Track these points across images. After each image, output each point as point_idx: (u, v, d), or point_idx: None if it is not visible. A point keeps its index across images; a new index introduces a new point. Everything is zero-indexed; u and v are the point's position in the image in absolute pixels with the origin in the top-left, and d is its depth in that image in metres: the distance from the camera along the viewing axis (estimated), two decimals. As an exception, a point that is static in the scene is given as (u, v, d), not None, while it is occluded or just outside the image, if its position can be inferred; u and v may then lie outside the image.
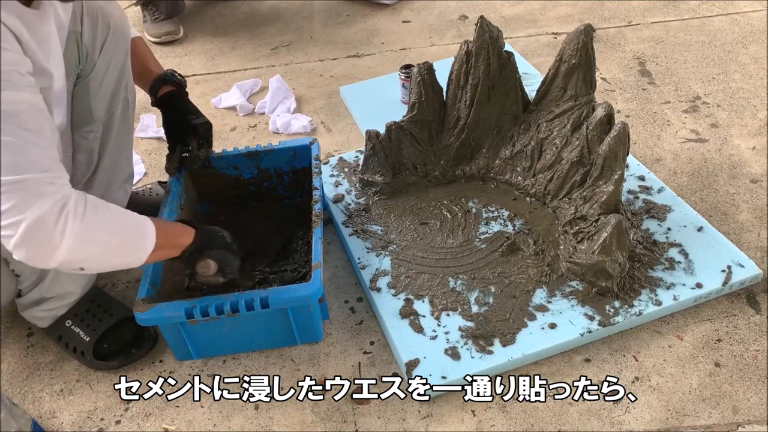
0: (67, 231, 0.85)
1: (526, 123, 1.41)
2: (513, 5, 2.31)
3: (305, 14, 2.38)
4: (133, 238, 0.96)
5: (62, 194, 0.85)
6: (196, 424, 1.10)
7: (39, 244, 0.84)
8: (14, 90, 0.84)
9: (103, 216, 0.91)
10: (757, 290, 1.24)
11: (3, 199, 0.82)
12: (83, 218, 0.86)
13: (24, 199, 0.82)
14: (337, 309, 1.27)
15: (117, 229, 0.94)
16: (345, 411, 1.10)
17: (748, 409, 1.05)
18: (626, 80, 1.85)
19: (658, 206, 1.37)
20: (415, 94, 1.40)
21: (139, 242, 0.96)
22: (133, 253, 0.97)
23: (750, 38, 1.99)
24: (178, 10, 2.29)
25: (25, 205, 0.82)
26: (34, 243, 0.84)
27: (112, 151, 1.29)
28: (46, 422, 1.13)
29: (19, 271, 1.11)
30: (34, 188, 0.83)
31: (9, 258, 1.08)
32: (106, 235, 0.91)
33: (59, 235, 0.84)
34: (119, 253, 0.95)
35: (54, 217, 0.84)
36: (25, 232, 0.83)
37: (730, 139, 1.60)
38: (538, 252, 1.29)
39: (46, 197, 0.83)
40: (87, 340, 1.18)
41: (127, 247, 0.96)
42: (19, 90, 0.85)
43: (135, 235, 0.96)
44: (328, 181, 1.51)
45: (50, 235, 0.84)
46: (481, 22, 1.34)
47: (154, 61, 1.31)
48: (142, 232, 0.97)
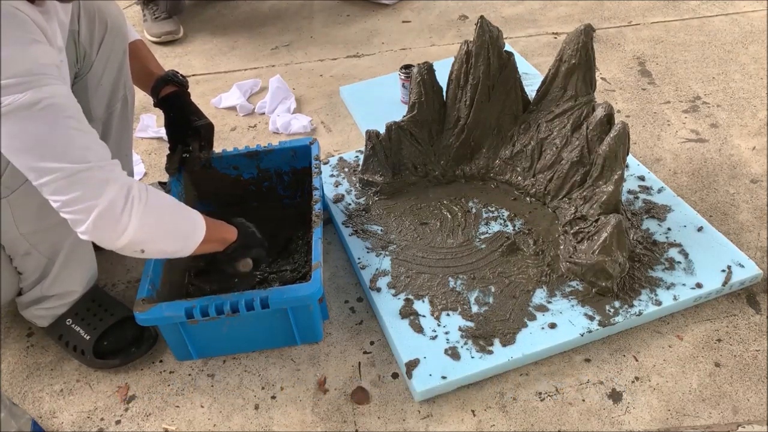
0: (134, 214, 0.90)
1: (526, 123, 1.41)
2: (513, 5, 2.31)
3: (305, 14, 2.38)
4: (187, 225, 1.01)
5: (125, 180, 0.91)
6: (196, 424, 1.10)
7: (109, 227, 0.90)
8: (59, 84, 0.87)
9: (163, 202, 0.98)
10: (757, 290, 1.24)
11: (71, 189, 0.86)
12: (147, 203, 0.92)
13: (93, 187, 0.88)
14: (337, 309, 1.27)
15: (174, 216, 1.00)
16: (345, 411, 1.10)
17: (748, 409, 1.05)
18: (626, 80, 1.85)
19: (658, 206, 1.37)
20: (415, 94, 1.40)
21: (192, 230, 1.01)
22: (186, 240, 1.01)
23: (750, 38, 1.99)
24: (178, 10, 2.29)
25: (95, 192, 0.87)
26: (105, 226, 0.89)
27: (111, 149, 1.29)
28: (46, 422, 1.13)
29: (23, 268, 1.11)
30: (100, 175, 0.88)
31: (13, 255, 1.08)
32: (165, 220, 0.97)
33: (127, 217, 0.90)
34: (175, 238, 1.00)
35: (122, 202, 0.89)
36: (97, 218, 0.88)
37: (730, 139, 1.60)
38: (538, 252, 1.29)
39: (112, 183, 0.89)
40: (87, 339, 1.18)
41: (181, 234, 1.01)
42: (60, 83, 0.88)
43: (189, 223, 1.02)
44: (328, 181, 1.51)
45: (119, 219, 0.89)
46: (481, 22, 1.34)
47: (156, 63, 1.31)
48: (194, 222, 1.02)
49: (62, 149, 0.86)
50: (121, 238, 0.91)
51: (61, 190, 0.87)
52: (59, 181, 0.86)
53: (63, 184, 0.86)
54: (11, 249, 1.07)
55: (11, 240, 1.05)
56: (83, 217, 0.88)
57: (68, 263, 1.13)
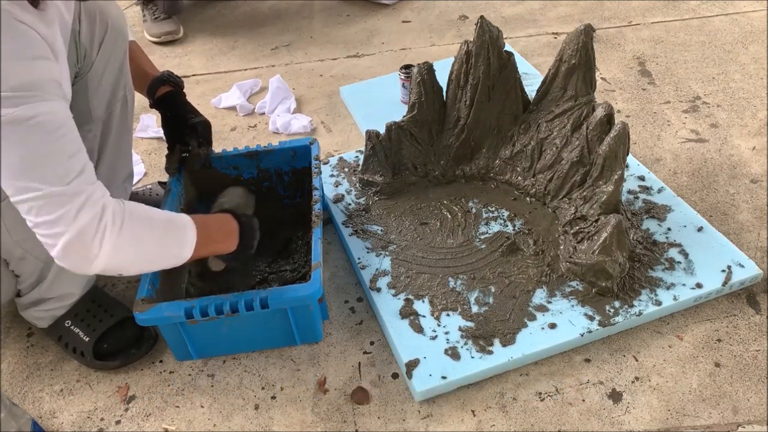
0: (105, 243, 0.87)
1: (526, 123, 1.41)
2: (513, 5, 2.31)
3: (305, 14, 2.38)
4: (171, 246, 0.98)
5: (101, 205, 0.88)
6: (196, 424, 1.10)
7: (79, 255, 0.87)
8: (56, 100, 0.86)
9: (141, 227, 0.93)
10: (757, 290, 1.24)
11: (45, 211, 0.84)
12: (120, 230, 0.89)
13: (67, 212, 0.85)
14: (337, 309, 1.27)
15: (155, 238, 0.96)
16: (345, 411, 1.10)
17: (748, 409, 1.05)
18: (626, 80, 1.85)
19: (658, 206, 1.37)
20: (415, 94, 1.40)
21: (176, 251, 0.99)
22: (171, 260, 0.99)
23: (750, 38, 1.99)
24: (176, 10, 2.29)
25: (67, 218, 0.85)
26: (74, 254, 0.87)
27: (111, 150, 1.29)
28: (46, 422, 1.13)
29: (19, 271, 1.11)
30: (76, 201, 0.85)
31: (9, 258, 1.08)
32: (144, 244, 0.94)
33: (97, 247, 0.87)
34: (157, 260, 0.98)
35: (92, 230, 0.86)
36: (66, 245, 0.86)
37: (730, 139, 1.60)
38: (538, 252, 1.29)
39: (86, 209, 0.86)
40: (86, 341, 1.18)
41: (164, 255, 0.98)
42: (58, 100, 0.86)
43: (174, 243, 0.98)
44: (328, 181, 1.51)
45: (89, 248, 0.87)
46: (481, 22, 1.34)
47: (150, 64, 1.31)
48: (180, 241, 0.99)
49: (43, 170, 0.84)
50: (93, 266, 0.89)
51: (35, 211, 0.85)
52: (35, 201, 0.84)
53: (38, 204, 0.84)
54: (6, 254, 1.07)
55: (5, 246, 1.05)
56: (52, 242, 0.86)
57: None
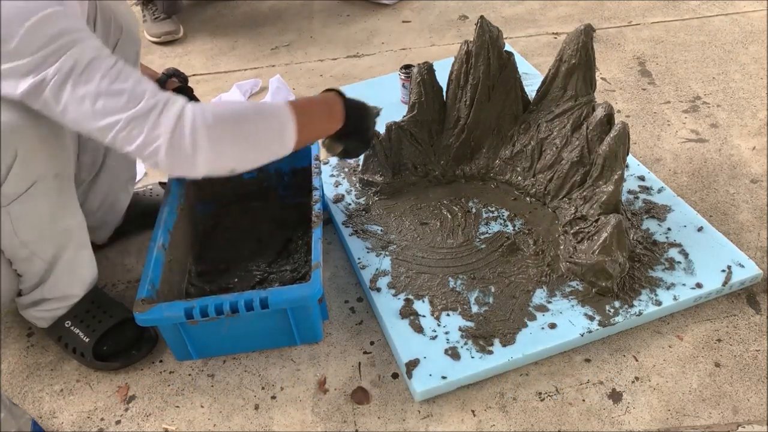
0: (198, 136, 0.88)
1: (526, 123, 1.41)
2: (513, 5, 2.31)
3: (305, 14, 2.38)
4: (269, 126, 0.98)
5: (179, 106, 0.89)
6: (196, 424, 1.10)
7: (181, 158, 0.89)
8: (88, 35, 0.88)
9: (229, 113, 0.93)
10: (757, 290, 1.24)
11: (135, 133, 0.87)
12: (209, 120, 0.90)
13: (152, 125, 0.87)
14: (337, 309, 1.27)
15: (249, 122, 0.95)
16: (345, 411, 1.10)
17: (748, 409, 1.05)
18: (626, 80, 1.85)
19: (658, 206, 1.37)
20: (415, 94, 1.40)
21: (277, 129, 0.98)
22: (276, 143, 0.99)
23: (750, 38, 1.99)
24: (176, 9, 2.30)
25: (154, 131, 0.87)
26: (177, 159, 0.89)
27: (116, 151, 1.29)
28: (46, 422, 1.13)
29: (22, 271, 1.11)
30: (154, 111, 0.87)
31: (14, 259, 1.08)
32: (239, 130, 0.94)
33: (191, 143, 0.88)
34: (261, 144, 0.98)
35: (181, 129, 0.88)
36: (166, 153, 0.88)
37: (730, 139, 1.60)
38: (538, 252, 1.29)
39: (165, 114, 0.88)
40: (86, 341, 1.18)
41: (267, 136, 0.98)
42: (88, 33, 0.89)
43: (270, 121, 0.98)
44: (328, 181, 1.51)
45: (186, 147, 0.88)
46: (481, 22, 1.34)
47: (151, 70, 1.33)
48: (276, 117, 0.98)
49: (114, 103, 0.86)
50: (198, 164, 0.90)
51: (127, 140, 0.88)
52: (121, 132, 0.87)
53: (125, 133, 0.87)
54: (11, 254, 1.07)
55: (11, 247, 1.05)
56: (156, 158, 0.89)
57: (69, 268, 1.13)
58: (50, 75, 0.84)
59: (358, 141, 1.20)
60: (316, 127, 1.09)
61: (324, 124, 1.10)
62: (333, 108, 1.12)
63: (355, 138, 1.18)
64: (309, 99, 1.14)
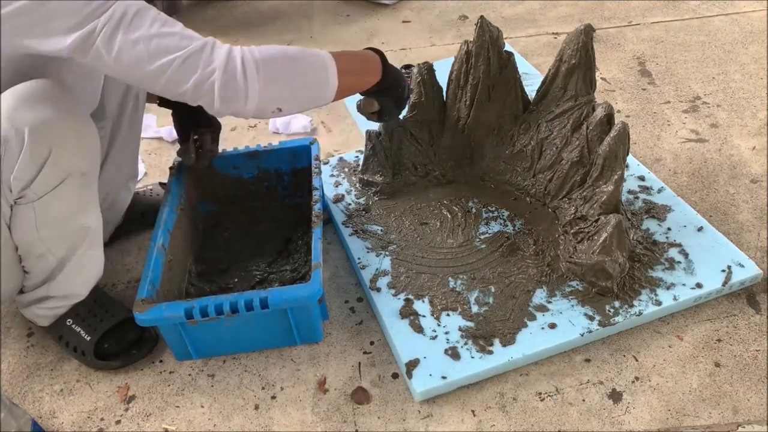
0: (249, 71, 0.93)
1: (526, 123, 1.41)
2: (513, 5, 2.31)
3: (305, 14, 2.38)
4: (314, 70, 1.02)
5: (227, 46, 0.93)
6: (196, 424, 1.10)
7: (235, 92, 0.93)
8: None
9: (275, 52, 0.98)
10: (757, 290, 1.24)
11: (191, 70, 0.91)
12: (258, 58, 0.94)
13: (205, 61, 0.91)
14: (337, 309, 1.27)
15: (295, 64, 1.00)
16: (345, 411, 1.10)
17: (748, 409, 1.05)
18: (626, 80, 1.86)
19: (658, 206, 1.37)
20: (415, 94, 1.40)
21: (320, 74, 1.02)
22: (320, 87, 1.03)
23: (750, 38, 1.99)
24: (175, 10, 2.30)
25: (208, 66, 0.91)
26: (231, 92, 0.93)
27: (118, 149, 1.30)
28: (46, 422, 1.13)
29: (30, 268, 1.11)
30: (206, 48, 0.92)
31: (27, 255, 1.08)
32: (286, 70, 0.98)
33: (243, 79, 0.93)
34: (306, 87, 1.02)
35: (233, 64, 0.92)
36: (220, 88, 0.92)
37: (730, 139, 1.60)
38: (538, 252, 1.29)
39: (216, 51, 0.92)
40: (88, 340, 1.18)
41: (312, 81, 1.02)
42: None
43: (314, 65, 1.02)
44: (328, 181, 1.51)
45: (239, 82, 0.93)
46: (481, 22, 1.34)
47: None
48: (320, 62, 1.02)
49: (166, 46, 0.90)
50: (250, 100, 0.94)
51: (183, 79, 0.91)
52: (176, 71, 0.90)
53: (181, 73, 0.91)
54: (26, 250, 1.07)
55: (29, 242, 1.05)
56: (211, 96, 0.93)
57: (78, 267, 1.13)
58: (100, 25, 0.87)
59: (394, 100, 1.22)
60: (355, 77, 1.12)
61: (363, 75, 1.14)
62: (371, 62, 1.15)
63: (391, 96, 1.20)
64: (349, 51, 1.17)
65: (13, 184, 0.95)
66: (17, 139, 0.92)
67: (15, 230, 1.03)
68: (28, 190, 0.97)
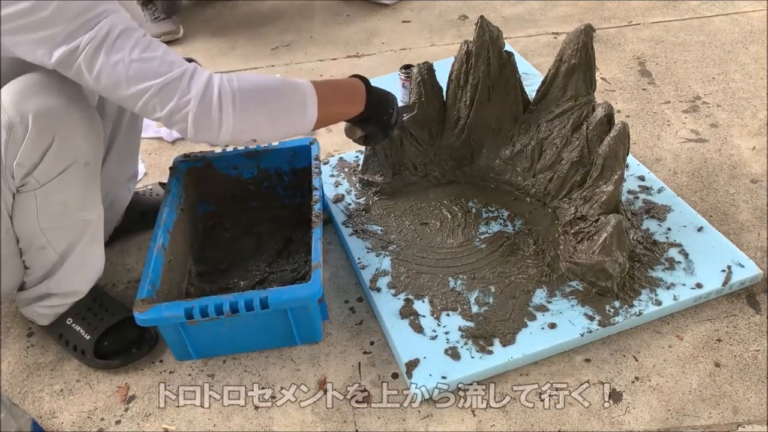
0: (224, 102, 0.93)
1: (526, 123, 1.41)
2: (513, 5, 2.31)
3: (305, 14, 2.38)
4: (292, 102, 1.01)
5: (207, 74, 0.93)
6: (196, 424, 1.10)
7: (207, 122, 0.93)
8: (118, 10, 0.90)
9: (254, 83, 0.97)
10: (757, 290, 1.24)
11: (167, 98, 0.91)
12: (235, 89, 0.94)
13: (182, 90, 0.91)
14: (337, 309, 1.27)
15: (273, 95, 0.99)
16: (345, 411, 1.10)
17: (748, 409, 1.05)
18: (626, 80, 1.86)
19: (658, 206, 1.37)
20: (415, 94, 1.40)
21: (298, 105, 1.01)
22: (297, 119, 1.02)
23: (750, 38, 1.99)
24: (175, 9, 2.30)
25: (184, 95, 0.91)
26: (204, 123, 0.93)
27: (119, 148, 1.29)
28: (46, 422, 1.13)
29: (31, 263, 1.11)
30: (184, 78, 0.91)
31: (27, 248, 1.08)
32: (263, 101, 0.98)
33: (218, 109, 0.93)
34: (283, 118, 1.01)
35: (210, 94, 0.92)
36: (194, 118, 0.92)
37: (730, 139, 1.60)
38: (538, 252, 1.29)
39: (195, 80, 0.92)
40: (88, 339, 1.18)
41: (289, 114, 1.02)
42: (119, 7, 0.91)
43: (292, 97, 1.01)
44: (328, 181, 1.51)
45: (212, 112, 0.93)
46: (481, 22, 1.34)
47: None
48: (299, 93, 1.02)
49: (145, 70, 0.90)
50: (223, 130, 0.94)
51: (159, 105, 0.91)
52: (153, 97, 0.90)
53: (158, 98, 0.91)
54: (27, 242, 1.07)
55: (30, 234, 1.05)
56: (184, 124, 0.93)
57: (78, 262, 1.13)
58: (84, 42, 0.86)
59: (379, 128, 1.20)
60: (337, 108, 1.11)
61: (345, 106, 1.13)
62: (355, 92, 1.14)
63: (375, 124, 1.19)
64: (332, 80, 1.17)
65: (16, 170, 0.95)
66: (21, 126, 0.92)
67: (16, 220, 1.03)
68: (30, 177, 0.97)
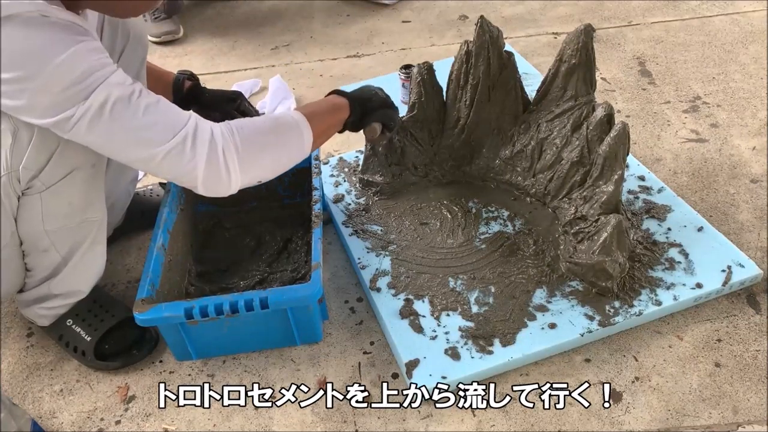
0: (229, 158, 0.96)
1: (526, 123, 1.41)
2: (513, 5, 2.31)
3: (305, 14, 2.38)
4: (291, 140, 1.05)
5: (209, 132, 0.95)
6: (195, 424, 1.10)
7: (217, 181, 0.97)
8: (111, 69, 0.90)
9: (254, 134, 1.01)
10: (757, 290, 1.24)
11: (175, 163, 0.93)
12: (237, 143, 0.97)
13: (189, 156, 0.93)
14: (337, 309, 1.27)
15: (273, 141, 1.03)
16: (345, 411, 1.10)
17: (748, 409, 1.05)
18: (626, 80, 1.86)
19: (658, 206, 1.37)
20: (415, 94, 1.40)
21: (297, 141, 1.06)
22: (296, 151, 1.07)
23: (750, 38, 1.99)
24: (175, 9, 2.30)
25: (191, 161, 0.93)
26: (214, 182, 0.97)
27: None
28: (46, 422, 1.13)
29: (33, 264, 1.11)
30: (187, 142, 0.93)
31: (31, 250, 1.08)
32: (265, 149, 1.02)
33: (224, 166, 0.96)
34: (285, 156, 1.05)
35: (215, 155, 0.95)
36: (204, 180, 0.96)
37: (730, 139, 1.60)
38: (538, 252, 1.29)
39: (199, 143, 0.94)
40: (88, 340, 1.18)
41: (289, 151, 1.06)
42: (111, 66, 0.90)
43: (292, 136, 1.05)
44: (328, 181, 1.51)
45: (221, 170, 0.96)
46: (481, 22, 1.34)
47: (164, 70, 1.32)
48: (296, 132, 1.05)
49: (147, 136, 0.91)
50: (233, 183, 0.98)
51: (168, 171, 0.95)
52: (161, 164, 0.93)
53: (165, 165, 0.93)
54: (31, 244, 1.07)
55: (34, 236, 1.05)
56: (195, 184, 0.96)
57: (80, 264, 1.13)
58: (79, 113, 0.86)
59: (379, 109, 1.22)
60: (327, 124, 1.14)
61: (333, 115, 1.16)
62: (335, 101, 1.17)
63: (372, 110, 1.21)
64: (314, 103, 1.19)
65: (22, 173, 0.95)
66: (27, 131, 0.92)
67: (21, 222, 1.03)
68: (36, 180, 0.97)
